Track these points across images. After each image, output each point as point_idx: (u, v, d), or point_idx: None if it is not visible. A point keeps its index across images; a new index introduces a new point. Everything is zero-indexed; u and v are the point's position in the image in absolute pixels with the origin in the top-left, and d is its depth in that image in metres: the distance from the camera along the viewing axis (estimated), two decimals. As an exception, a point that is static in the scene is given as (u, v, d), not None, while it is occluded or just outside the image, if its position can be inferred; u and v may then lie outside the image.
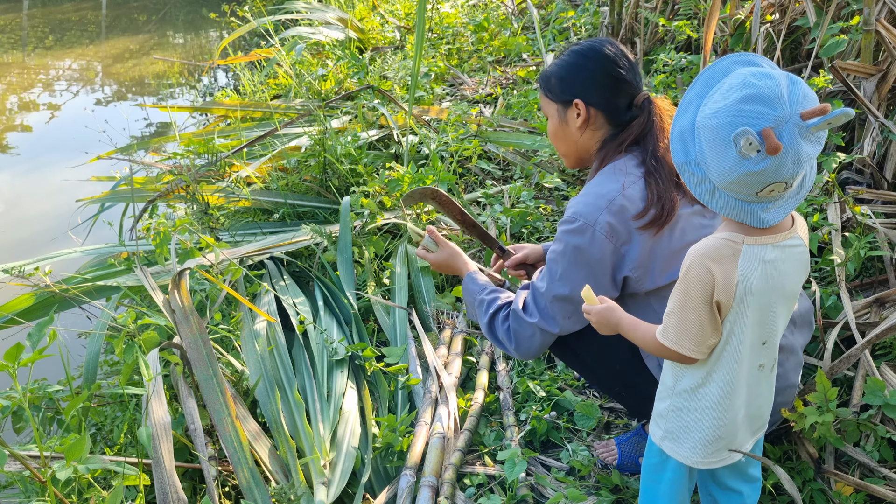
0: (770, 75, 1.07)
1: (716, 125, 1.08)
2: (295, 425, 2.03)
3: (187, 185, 3.05)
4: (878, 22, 2.33)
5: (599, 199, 1.56)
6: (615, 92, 1.65)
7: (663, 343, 1.24)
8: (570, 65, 1.67)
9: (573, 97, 1.66)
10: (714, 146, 1.09)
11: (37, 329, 1.48)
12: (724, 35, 3.42)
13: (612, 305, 1.35)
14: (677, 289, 1.21)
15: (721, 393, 1.26)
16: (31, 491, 1.63)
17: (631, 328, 1.32)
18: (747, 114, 1.05)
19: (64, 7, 10.56)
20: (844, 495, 1.62)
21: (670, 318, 1.23)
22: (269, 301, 2.56)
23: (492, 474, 1.92)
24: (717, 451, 1.32)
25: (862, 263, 2.10)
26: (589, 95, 1.65)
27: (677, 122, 1.18)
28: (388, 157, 3.66)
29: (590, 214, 1.55)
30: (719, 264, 1.16)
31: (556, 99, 1.70)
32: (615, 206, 1.54)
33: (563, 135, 1.73)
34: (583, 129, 1.68)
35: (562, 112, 1.70)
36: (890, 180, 2.33)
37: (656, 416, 1.38)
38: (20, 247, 3.92)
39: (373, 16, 6.55)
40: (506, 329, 1.75)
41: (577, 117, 1.67)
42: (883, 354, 1.91)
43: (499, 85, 4.68)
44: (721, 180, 1.11)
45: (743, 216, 1.14)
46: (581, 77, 1.65)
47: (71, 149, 5.00)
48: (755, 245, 1.17)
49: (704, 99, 1.13)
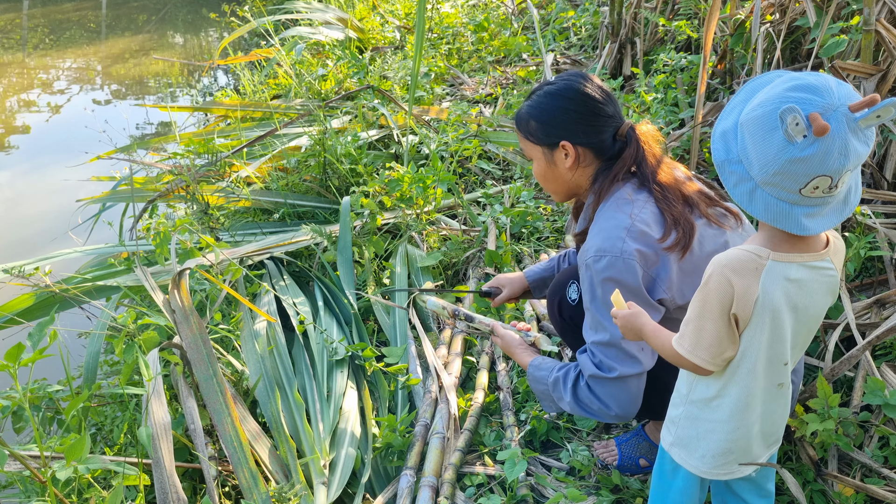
0: (818, 74, 1.05)
1: (760, 114, 1.06)
2: (295, 425, 2.03)
3: (187, 185, 3.05)
4: (878, 22, 2.33)
5: (618, 230, 1.52)
6: (599, 128, 1.63)
7: (678, 351, 1.22)
8: (550, 107, 1.64)
9: (558, 140, 1.64)
10: (758, 135, 1.06)
11: (37, 329, 1.48)
12: (724, 35, 3.42)
13: (638, 311, 1.33)
14: (697, 297, 1.19)
15: (735, 407, 1.25)
16: (31, 491, 1.63)
17: (652, 334, 1.31)
18: (794, 99, 1.02)
19: (64, 7, 10.56)
20: (845, 496, 1.62)
21: (687, 326, 1.21)
22: (269, 301, 2.56)
23: (492, 474, 1.92)
24: (726, 463, 1.31)
25: (862, 264, 2.10)
26: (574, 136, 1.63)
27: (720, 124, 1.16)
28: (388, 157, 3.66)
29: (614, 246, 1.50)
30: (740, 276, 1.13)
31: (540, 142, 1.68)
32: (635, 232, 1.51)
33: (552, 176, 1.71)
34: (573, 169, 1.67)
35: (548, 154, 1.68)
36: (890, 180, 2.33)
37: (668, 422, 1.37)
38: (20, 247, 3.93)
39: (373, 16, 6.56)
40: (595, 397, 1.59)
41: (566, 158, 1.65)
42: (883, 354, 1.91)
43: (499, 85, 4.68)
44: (764, 173, 1.07)
45: (783, 220, 1.09)
46: (563, 119, 1.63)
47: (71, 149, 5.00)
48: (781, 262, 1.13)
49: (748, 103, 1.12)
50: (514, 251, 2.90)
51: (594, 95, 1.62)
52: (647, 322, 1.32)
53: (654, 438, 1.89)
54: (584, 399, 1.60)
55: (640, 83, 3.73)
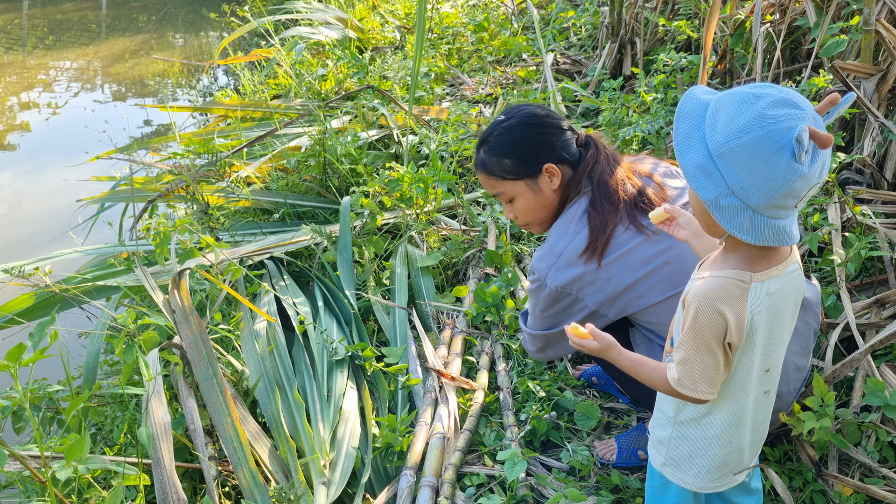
0: (764, 85, 1.04)
1: (752, 140, 0.99)
2: (295, 425, 2.03)
3: (187, 185, 3.05)
4: (878, 22, 2.33)
5: (550, 258, 1.67)
6: (568, 141, 1.71)
7: (679, 391, 1.19)
8: (520, 138, 1.69)
9: (541, 164, 1.69)
10: (755, 162, 1.00)
11: (38, 329, 1.48)
12: (724, 35, 3.42)
13: (611, 343, 1.30)
14: (687, 335, 1.15)
15: (727, 422, 1.25)
16: (31, 491, 1.63)
17: (632, 367, 1.27)
18: (781, 118, 0.98)
19: (64, 7, 10.56)
20: (845, 496, 1.62)
21: (685, 366, 1.17)
22: (269, 301, 2.56)
23: (492, 474, 1.92)
24: (722, 475, 1.30)
25: (862, 264, 2.09)
26: (552, 155, 1.69)
27: (688, 158, 1.07)
28: (388, 157, 3.66)
29: (544, 274, 1.67)
30: (730, 306, 1.11)
31: (521, 176, 1.71)
32: (562, 262, 1.64)
33: (540, 205, 1.74)
34: (559, 190, 1.72)
35: (532, 184, 1.72)
36: (890, 180, 2.33)
37: (656, 443, 1.36)
38: (20, 246, 3.93)
39: (373, 16, 6.55)
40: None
41: (552, 180, 1.70)
42: (883, 355, 1.91)
43: (499, 85, 4.68)
44: (767, 200, 1.02)
45: (780, 237, 1.07)
46: (537, 143, 1.69)
47: (71, 149, 5.00)
48: (762, 281, 1.13)
49: (703, 130, 1.05)
50: (514, 251, 2.90)
51: (549, 114, 1.72)
52: (623, 355, 1.29)
53: None
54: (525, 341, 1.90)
55: (640, 83, 3.73)
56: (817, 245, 2.02)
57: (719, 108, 1.04)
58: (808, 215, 2.14)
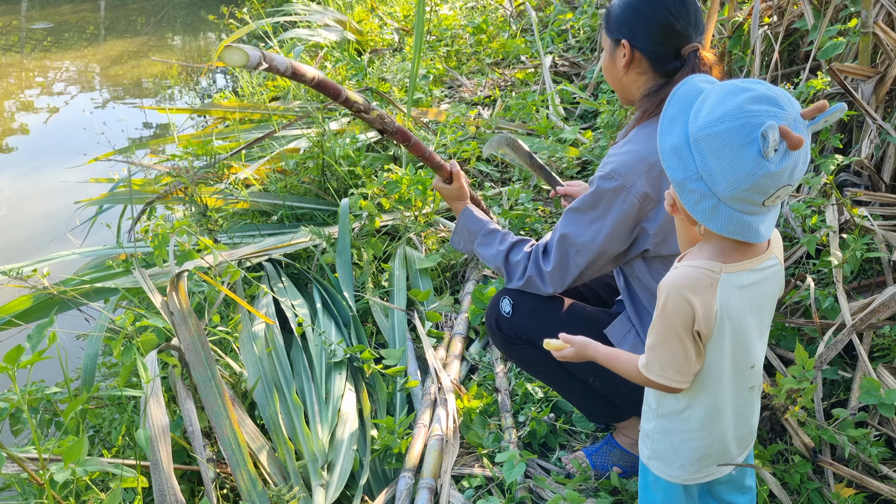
0: (756, 81, 1.06)
1: (725, 130, 1.03)
2: (293, 427, 2.03)
3: (186, 186, 3.05)
4: (876, 24, 2.34)
5: (640, 163, 1.54)
6: (662, 40, 1.58)
7: (648, 377, 1.22)
8: (628, 5, 1.63)
9: (621, 37, 1.63)
10: (725, 152, 1.04)
11: (36, 331, 1.48)
12: (722, 37, 3.42)
13: (585, 342, 1.34)
14: (657, 321, 1.18)
15: (706, 415, 1.26)
16: (29, 493, 1.63)
17: (607, 360, 1.31)
18: (759, 113, 1.01)
19: (62, 9, 10.56)
20: (843, 497, 1.63)
21: (654, 351, 1.20)
22: (268, 303, 2.56)
23: (490, 476, 1.92)
24: (705, 467, 1.32)
25: (859, 265, 2.10)
26: (636, 38, 1.61)
27: (666, 140, 1.12)
28: (386, 158, 3.66)
29: (628, 176, 1.54)
30: (698, 295, 1.14)
31: (610, 35, 1.68)
32: (655, 171, 1.53)
33: (610, 71, 1.71)
34: (626, 70, 1.65)
35: (612, 48, 1.68)
36: (888, 182, 2.33)
37: (642, 436, 1.38)
38: (18, 248, 3.92)
39: (371, 18, 6.56)
40: (522, 267, 1.76)
41: (623, 57, 1.64)
42: (881, 356, 1.91)
43: (497, 87, 4.68)
44: (732, 191, 1.06)
45: (744, 232, 1.10)
46: (633, 19, 1.61)
47: (69, 150, 5.00)
48: (733, 273, 1.14)
49: (688, 115, 1.10)
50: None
51: (671, 7, 1.57)
52: (599, 350, 1.33)
53: (624, 444, 1.89)
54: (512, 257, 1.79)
55: (639, 85, 3.74)
56: (815, 247, 2.03)
57: (708, 96, 1.08)
58: (806, 217, 2.14)
